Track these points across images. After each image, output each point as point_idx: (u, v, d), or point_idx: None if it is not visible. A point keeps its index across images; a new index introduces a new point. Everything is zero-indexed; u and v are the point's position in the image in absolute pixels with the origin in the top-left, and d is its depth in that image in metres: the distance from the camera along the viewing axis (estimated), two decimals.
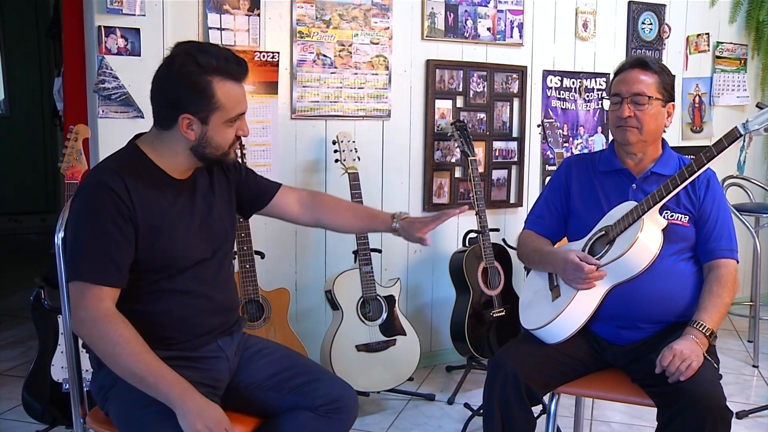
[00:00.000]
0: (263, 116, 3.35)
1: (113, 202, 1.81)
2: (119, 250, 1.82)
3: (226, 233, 2.09)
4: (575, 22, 4.28)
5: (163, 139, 1.92)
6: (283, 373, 2.06)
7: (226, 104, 1.87)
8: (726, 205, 2.41)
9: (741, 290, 4.95)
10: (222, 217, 2.07)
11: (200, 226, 1.99)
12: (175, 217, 1.93)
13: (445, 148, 3.87)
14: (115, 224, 1.81)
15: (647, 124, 2.36)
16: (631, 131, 2.37)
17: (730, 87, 4.94)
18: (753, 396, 3.69)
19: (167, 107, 1.88)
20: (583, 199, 2.49)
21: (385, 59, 3.65)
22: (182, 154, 1.93)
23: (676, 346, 2.10)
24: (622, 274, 2.25)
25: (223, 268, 2.07)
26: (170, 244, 1.90)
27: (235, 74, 1.87)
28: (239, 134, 1.95)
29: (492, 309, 3.62)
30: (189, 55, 1.84)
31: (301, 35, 3.42)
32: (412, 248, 3.88)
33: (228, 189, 2.13)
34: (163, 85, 1.87)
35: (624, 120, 2.37)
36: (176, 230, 1.92)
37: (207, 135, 1.88)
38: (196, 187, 2.01)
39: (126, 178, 1.84)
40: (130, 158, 1.92)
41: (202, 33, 3.18)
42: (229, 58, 1.87)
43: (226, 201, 2.12)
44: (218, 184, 2.09)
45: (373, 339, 3.31)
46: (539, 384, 2.26)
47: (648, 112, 2.35)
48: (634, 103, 2.36)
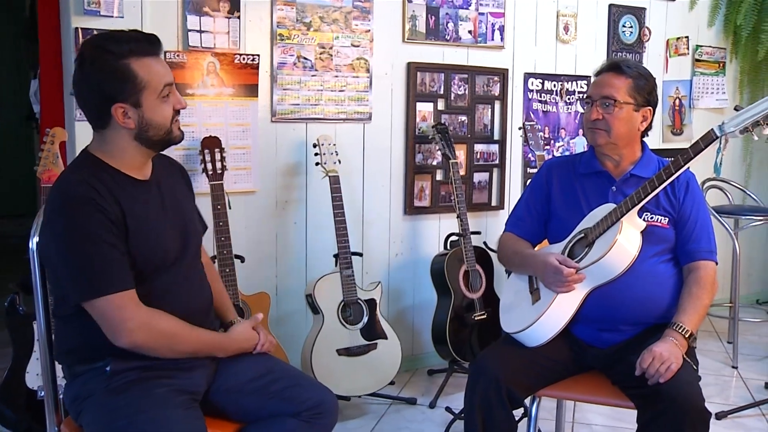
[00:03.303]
0: (243, 119, 3.34)
1: (94, 209, 1.79)
2: (121, 251, 1.82)
3: (197, 234, 2.10)
4: (556, 25, 4.30)
5: (107, 139, 1.91)
6: (262, 377, 2.05)
7: (151, 80, 1.86)
8: (705, 207, 2.44)
9: (720, 292, 5.00)
10: (191, 217, 2.08)
11: (174, 225, 1.99)
12: (149, 218, 1.92)
13: (426, 150, 3.87)
14: (107, 229, 1.80)
15: (616, 127, 2.37)
16: (600, 133, 2.40)
17: (710, 90, 4.98)
18: (732, 397, 3.72)
19: (97, 104, 1.87)
20: (564, 201, 2.51)
21: (365, 62, 3.65)
22: (130, 147, 1.92)
23: (655, 348, 2.12)
24: (602, 276, 2.26)
25: (195, 270, 2.07)
26: (148, 244, 1.89)
27: (149, 50, 1.88)
28: (177, 107, 1.95)
29: (473, 312, 3.62)
30: (97, 47, 1.85)
31: (282, 38, 3.41)
32: (393, 251, 3.88)
33: (188, 191, 2.15)
34: (85, 85, 1.87)
35: (593, 122, 2.40)
36: (152, 231, 1.92)
37: (145, 117, 1.88)
38: (162, 187, 2.01)
39: (94, 184, 1.83)
40: (89, 166, 1.90)
41: (182, 35, 3.16)
42: (138, 38, 1.88)
43: (191, 201, 2.14)
44: (179, 186, 2.11)
45: (354, 343, 3.30)
46: (520, 387, 2.27)
47: (616, 115, 2.37)
48: (604, 106, 2.38)
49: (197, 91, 3.19)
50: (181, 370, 1.94)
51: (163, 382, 1.82)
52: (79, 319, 1.84)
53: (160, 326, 1.85)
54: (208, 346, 2.00)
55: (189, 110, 3.13)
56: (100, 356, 1.87)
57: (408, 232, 3.92)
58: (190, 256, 2.04)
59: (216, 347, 2.03)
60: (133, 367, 1.86)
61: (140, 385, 1.85)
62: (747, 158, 5.24)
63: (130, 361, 1.82)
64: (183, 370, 1.95)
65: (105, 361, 1.86)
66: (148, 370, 1.83)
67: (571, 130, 4.37)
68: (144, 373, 1.86)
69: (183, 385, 1.91)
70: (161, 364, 1.90)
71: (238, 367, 2.08)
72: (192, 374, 1.96)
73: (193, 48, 3.16)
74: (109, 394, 1.83)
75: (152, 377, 1.83)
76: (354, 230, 3.63)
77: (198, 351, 1.96)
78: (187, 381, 1.94)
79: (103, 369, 1.86)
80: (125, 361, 1.86)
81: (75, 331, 1.89)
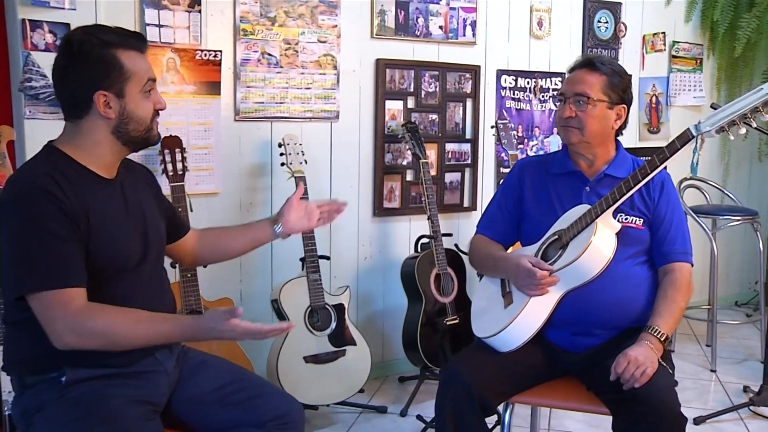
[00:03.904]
0: (205, 118, 3.32)
1: (51, 203, 1.77)
2: (72, 248, 1.79)
3: (161, 238, 2.09)
4: (530, 20, 4.34)
5: (81, 130, 1.90)
6: (226, 387, 2.05)
7: (137, 72, 1.89)
8: (680, 207, 2.48)
9: (698, 293, 5.07)
10: (154, 220, 2.06)
11: (136, 228, 1.98)
12: (111, 218, 1.91)
13: (395, 150, 3.89)
14: (60, 224, 1.77)
15: (589, 125, 2.40)
16: (573, 132, 2.43)
17: (687, 87, 5.06)
18: (711, 401, 3.77)
19: (78, 90, 1.87)
20: (536, 202, 2.53)
21: (333, 58, 3.66)
22: (105, 142, 1.91)
23: (630, 352, 2.15)
24: (576, 279, 2.29)
25: (157, 275, 2.06)
26: (109, 246, 1.88)
27: (136, 45, 1.92)
28: (157, 107, 1.97)
29: (445, 317, 3.64)
30: (87, 33, 1.88)
31: (245, 33, 3.40)
32: (362, 255, 3.89)
33: (153, 193, 2.14)
34: (69, 70, 1.87)
35: (566, 120, 2.42)
36: (114, 232, 1.90)
37: (127, 109, 1.89)
38: (126, 188, 2.00)
39: (57, 178, 1.81)
40: (53, 160, 1.88)
41: (139, 29, 3.12)
42: (126, 33, 1.93)
43: (155, 204, 2.12)
44: (144, 188, 2.10)
45: (322, 350, 3.30)
46: (493, 394, 2.29)
47: (590, 113, 2.40)
48: (577, 103, 2.41)
49: None
50: (141, 378, 1.92)
51: (120, 392, 1.80)
52: (32, 325, 1.79)
53: (89, 326, 1.76)
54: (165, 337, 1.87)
55: None
56: (54, 365, 1.84)
57: (377, 235, 3.93)
58: (152, 262, 2.02)
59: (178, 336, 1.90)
60: (89, 376, 1.84)
61: (96, 396, 1.82)
62: (725, 157, 5.32)
63: (86, 370, 1.80)
64: (143, 378, 1.93)
65: (60, 371, 1.83)
66: (106, 378, 1.81)
67: (545, 128, 4.41)
68: (100, 383, 1.84)
69: (142, 395, 1.90)
70: (120, 373, 1.88)
71: (200, 376, 2.07)
72: (152, 382, 1.95)
73: (151, 43, 3.11)
74: (62, 406, 1.81)
75: (109, 387, 1.80)
76: (321, 233, 3.62)
77: (150, 344, 1.87)
78: (146, 390, 1.92)
79: (58, 380, 1.83)
80: (81, 370, 1.83)
81: (27, 338, 1.84)
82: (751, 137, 5.37)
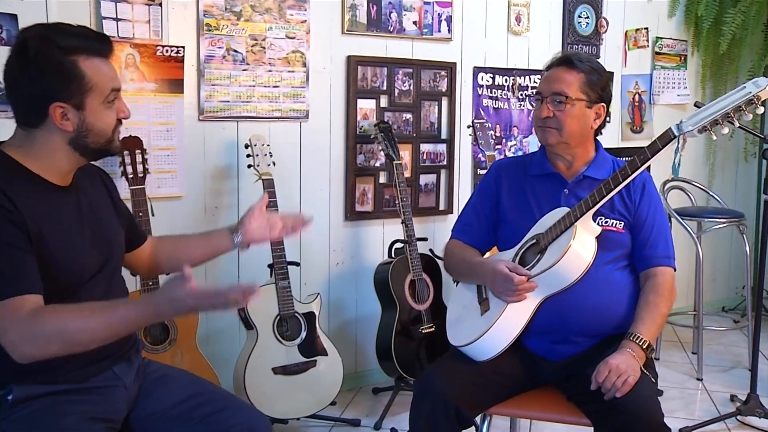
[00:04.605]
0: (167, 117, 3.30)
1: None
2: (21, 255, 1.75)
3: (120, 247, 2.07)
4: (508, 15, 4.36)
5: (34, 139, 1.85)
6: (189, 401, 2.03)
7: (99, 82, 1.83)
8: (662, 210, 2.50)
9: (684, 299, 5.13)
10: (112, 228, 2.04)
11: (91, 238, 1.95)
12: (65, 227, 1.88)
13: (368, 151, 3.89)
14: (7, 233, 1.73)
15: (567, 125, 2.42)
16: (551, 132, 2.44)
17: (671, 85, 5.11)
18: (697, 411, 3.81)
19: (33, 100, 1.81)
20: (514, 205, 2.54)
21: (302, 55, 3.65)
22: (61, 152, 1.87)
23: (611, 360, 2.16)
24: (555, 284, 2.30)
25: (116, 285, 2.04)
26: (63, 258, 1.85)
27: (100, 50, 1.85)
28: (120, 116, 1.92)
29: (421, 325, 3.64)
30: (44, 37, 1.80)
31: (209, 28, 3.39)
32: (333, 260, 3.88)
33: (110, 199, 2.12)
34: (23, 77, 1.81)
35: (543, 120, 2.44)
36: (68, 242, 1.88)
37: (86, 122, 1.84)
38: (82, 196, 1.97)
39: (5, 189, 1.77)
40: (2, 168, 1.83)
41: (95, 23, 3.10)
42: (89, 35, 1.85)
43: (112, 210, 2.10)
44: (101, 194, 2.07)
45: (292, 360, 3.29)
46: (469, 405, 2.29)
47: (568, 113, 2.41)
48: (555, 102, 2.42)
49: None
50: (97, 394, 1.91)
51: (74, 409, 1.78)
52: None
53: (40, 330, 1.71)
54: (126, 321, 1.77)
55: None
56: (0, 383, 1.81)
57: (349, 240, 3.92)
58: (110, 272, 2.00)
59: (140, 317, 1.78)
60: (40, 393, 1.82)
61: (48, 414, 1.80)
62: (710, 158, 5.38)
63: (37, 386, 1.77)
64: (99, 394, 1.91)
65: (6, 389, 1.81)
66: (58, 395, 1.79)
67: (524, 128, 4.43)
68: (52, 400, 1.81)
69: (97, 411, 1.88)
70: (74, 389, 1.86)
71: (162, 390, 2.06)
72: (109, 398, 1.93)
73: None
74: (10, 427, 1.78)
75: (62, 404, 1.78)
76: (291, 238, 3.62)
77: (112, 334, 1.78)
78: (103, 407, 1.90)
79: (5, 398, 1.80)
80: (30, 387, 1.81)
81: None
82: (737, 137, 5.43)
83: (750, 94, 2.12)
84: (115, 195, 2.17)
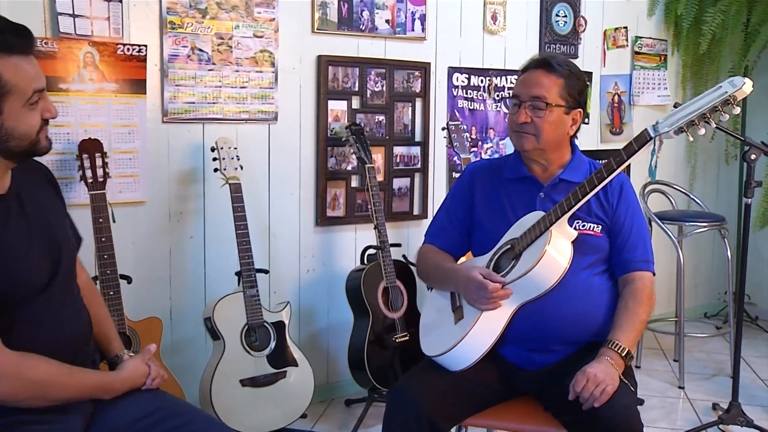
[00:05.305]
0: (129, 119, 3.28)
1: None
2: None
3: (72, 250, 2.05)
4: (483, 13, 4.38)
5: None
6: (150, 416, 2.01)
7: (19, 84, 1.78)
8: (641, 212, 2.52)
9: (665, 305, 5.17)
10: (63, 231, 2.02)
11: (41, 246, 1.93)
12: (9, 238, 1.85)
13: (339, 154, 3.89)
14: None
15: (545, 132, 2.41)
16: (527, 138, 2.44)
17: (651, 85, 5.15)
18: (678, 420, 3.84)
19: None
20: (488, 209, 2.55)
21: (270, 55, 3.65)
22: None
23: (589, 369, 2.17)
24: (531, 291, 2.31)
25: (69, 295, 2.02)
26: (10, 272, 1.82)
27: (20, 46, 1.79)
28: (46, 116, 1.88)
29: (394, 333, 3.65)
30: None
31: (173, 26, 3.37)
32: (303, 267, 3.88)
33: (57, 199, 2.09)
34: None
35: (520, 125, 2.43)
36: (13, 255, 1.84)
37: (5, 126, 1.80)
38: (24, 201, 1.94)
39: None
40: None
41: (50, 19, 3.07)
42: (5, 29, 1.77)
43: (60, 212, 2.07)
44: (47, 193, 2.05)
45: (260, 372, 3.28)
46: (444, 416, 2.29)
47: (546, 119, 2.41)
48: (533, 107, 2.42)
49: (72, 86, 3.12)
50: (52, 413, 1.88)
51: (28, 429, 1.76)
52: None
53: (31, 374, 1.76)
54: (92, 389, 1.94)
55: (63, 108, 3.07)
56: None
57: (320, 246, 3.92)
58: (63, 279, 1.98)
59: (102, 389, 1.98)
60: None
61: None
62: (691, 159, 5.44)
63: None
64: (55, 413, 1.88)
65: None
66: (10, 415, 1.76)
67: (500, 130, 4.45)
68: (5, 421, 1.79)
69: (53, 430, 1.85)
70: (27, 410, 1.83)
71: (121, 405, 2.03)
72: (66, 418, 1.91)
73: (65, 35, 3.08)
74: None
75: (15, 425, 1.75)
76: (259, 244, 3.62)
77: (77, 397, 1.90)
78: (60, 426, 1.88)
79: None
80: None
81: None
82: (718, 138, 5.50)
83: (726, 94, 2.14)
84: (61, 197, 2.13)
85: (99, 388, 1.97)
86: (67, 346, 1.94)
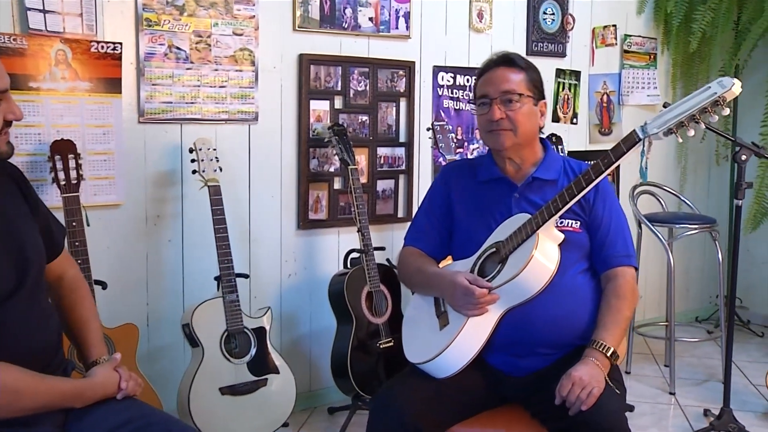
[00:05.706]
0: (103, 119, 3.25)
1: None
2: None
3: (40, 255, 2.02)
4: (469, 11, 4.38)
5: None
6: (124, 426, 1.98)
7: None
8: (618, 208, 2.53)
9: (656, 309, 5.18)
10: (28, 235, 1.99)
11: (7, 252, 1.91)
12: None
13: (321, 155, 3.87)
14: None
15: (522, 124, 2.44)
16: (506, 134, 2.45)
17: (640, 84, 5.16)
18: (670, 426, 3.84)
19: None
20: (467, 211, 2.55)
21: (250, 53, 3.63)
22: None
23: (574, 372, 2.18)
24: (518, 296, 2.30)
25: (36, 302, 1.99)
26: None
27: None
28: (9, 118, 1.87)
29: (379, 339, 3.63)
30: None
31: (149, 23, 3.35)
32: (285, 272, 3.86)
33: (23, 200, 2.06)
34: None
35: (496, 123, 2.45)
36: None
37: None
38: None
39: None
40: None
41: (18, 15, 3.04)
42: None
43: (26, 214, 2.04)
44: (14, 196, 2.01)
45: (240, 379, 3.26)
46: (429, 424, 2.27)
47: (521, 111, 2.44)
48: (505, 102, 2.44)
49: (43, 85, 3.09)
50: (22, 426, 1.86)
51: None
52: None
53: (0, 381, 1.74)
54: (62, 397, 1.91)
55: (34, 108, 3.05)
56: None
57: (302, 249, 3.90)
58: (30, 286, 1.95)
59: (73, 397, 1.95)
60: None
61: None
62: (682, 160, 5.45)
63: None
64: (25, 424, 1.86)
65: None
66: None
67: None
68: None
69: None
70: None
71: (94, 415, 2.00)
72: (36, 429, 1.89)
73: (35, 32, 3.04)
74: None
75: None
76: (239, 248, 3.60)
77: (49, 405, 1.88)
78: None
79: None
80: None
81: None
82: (708, 139, 5.51)
83: (715, 95, 2.14)
84: (31, 195, 2.10)
85: (70, 396, 1.93)
86: (34, 357, 1.92)
